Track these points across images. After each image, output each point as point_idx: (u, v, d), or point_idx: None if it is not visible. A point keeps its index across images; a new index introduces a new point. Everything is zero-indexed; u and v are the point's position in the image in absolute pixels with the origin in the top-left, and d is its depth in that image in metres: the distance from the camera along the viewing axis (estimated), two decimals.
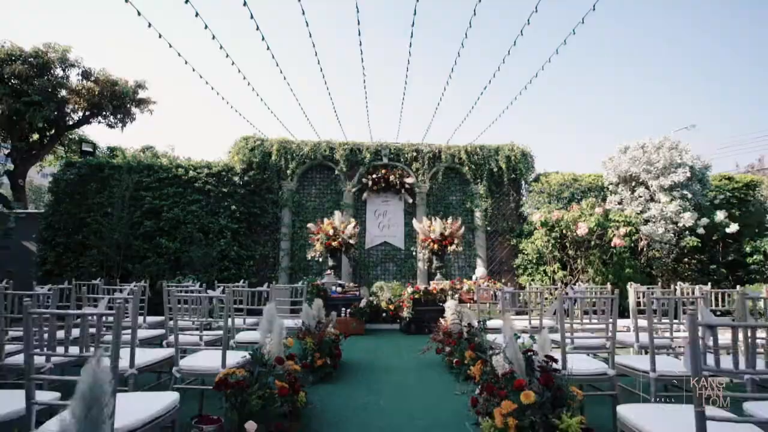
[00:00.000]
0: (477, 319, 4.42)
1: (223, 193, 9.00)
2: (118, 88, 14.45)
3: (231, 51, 6.05)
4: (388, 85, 32.21)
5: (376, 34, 29.35)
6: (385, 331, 7.28)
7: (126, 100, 14.99)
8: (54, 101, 12.86)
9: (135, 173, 8.92)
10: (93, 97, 13.80)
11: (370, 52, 26.73)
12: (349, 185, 9.64)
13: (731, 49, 54.74)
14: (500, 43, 23.91)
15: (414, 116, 22.29)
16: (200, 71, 6.30)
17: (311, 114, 26.46)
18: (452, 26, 19.29)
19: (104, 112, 14.76)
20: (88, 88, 13.76)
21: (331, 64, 32.76)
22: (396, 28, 29.40)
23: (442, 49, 25.87)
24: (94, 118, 14.94)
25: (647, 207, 8.44)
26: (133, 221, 8.65)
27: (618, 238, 7.56)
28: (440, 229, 7.78)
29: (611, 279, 8.47)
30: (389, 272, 9.63)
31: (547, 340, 2.46)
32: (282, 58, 25.69)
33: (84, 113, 14.38)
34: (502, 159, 9.77)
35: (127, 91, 14.69)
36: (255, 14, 4.77)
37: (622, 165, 8.81)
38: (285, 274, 9.24)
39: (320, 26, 22.78)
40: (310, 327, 4.05)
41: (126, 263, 8.44)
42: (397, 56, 34.12)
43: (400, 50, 39.99)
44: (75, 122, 14.61)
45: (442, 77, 10.36)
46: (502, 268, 9.77)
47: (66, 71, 13.59)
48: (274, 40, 32.69)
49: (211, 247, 8.51)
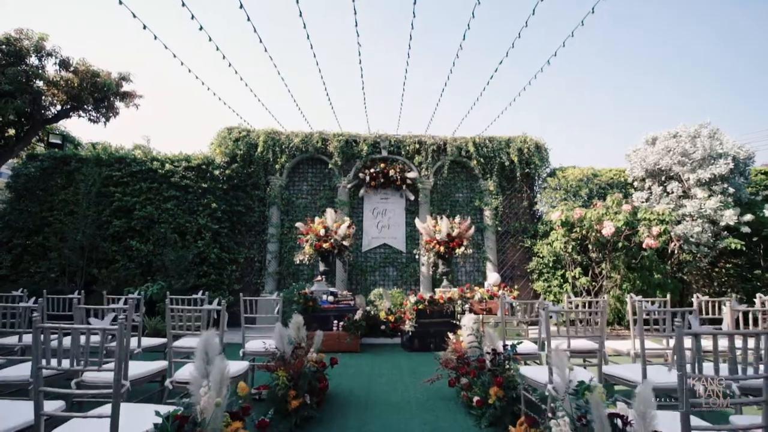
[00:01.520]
0: (501, 340, 3.45)
1: (203, 188, 8.04)
2: (99, 79, 13.47)
3: (214, 34, 5.15)
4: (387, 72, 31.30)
5: (374, 15, 28.57)
6: (383, 347, 6.30)
7: (109, 93, 14.06)
8: (29, 93, 11.93)
9: (104, 167, 7.97)
10: (72, 89, 12.84)
11: (368, 36, 25.77)
12: (344, 181, 8.68)
13: None
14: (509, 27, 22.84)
15: (416, 106, 21.29)
16: (181, 57, 5.43)
17: (303, 106, 25.46)
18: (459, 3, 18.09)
19: (85, 105, 13.81)
20: (66, 79, 12.81)
21: (324, 48, 31.81)
22: (396, 10, 28.05)
23: (446, 30, 24.67)
24: (74, 112, 13.98)
25: (679, 204, 7.48)
26: (101, 221, 7.70)
27: (651, 238, 6.59)
28: (447, 229, 6.82)
29: (638, 285, 7.51)
30: (389, 278, 8.65)
31: (648, 397, 1.49)
32: (270, 44, 24.75)
33: (63, 106, 13.45)
34: (513, 152, 8.81)
35: (109, 83, 13.72)
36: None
37: (650, 157, 7.85)
38: (272, 280, 8.26)
39: (312, 7, 21.75)
40: (284, 354, 3.07)
41: (91, 268, 7.46)
42: (398, 40, 33.15)
43: (401, 33, 39.07)
44: (53, 116, 13.68)
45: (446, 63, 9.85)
46: (514, 272, 8.80)
47: (42, 61, 12.68)
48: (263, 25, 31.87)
49: (187, 249, 7.53)
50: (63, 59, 13.26)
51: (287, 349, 3.08)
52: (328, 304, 6.15)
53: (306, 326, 6.18)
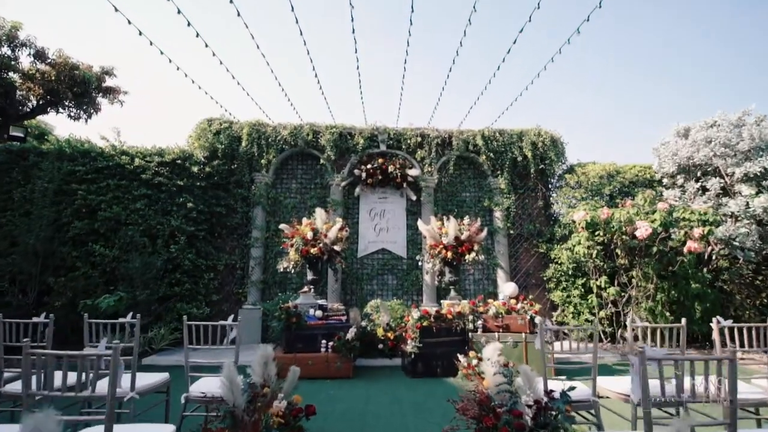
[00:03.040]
0: (538, 376, 2.50)
1: (179, 186, 7.12)
2: (78, 72, 12.63)
3: (195, 20, 4.28)
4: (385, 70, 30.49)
5: (374, 11, 27.53)
6: (381, 370, 5.34)
7: (89, 87, 13.19)
8: (0, 86, 11.07)
9: (67, 161, 7.05)
10: (49, 83, 12.00)
11: (367, 36, 24.91)
12: (338, 178, 7.75)
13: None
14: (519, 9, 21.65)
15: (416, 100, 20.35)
16: (152, 39, 4.57)
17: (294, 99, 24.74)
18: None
19: (64, 100, 12.95)
20: (42, 71, 11.98)
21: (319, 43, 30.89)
22: None
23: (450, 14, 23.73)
24: (52, 107, 13.13)
25: (718, 203, 6.56)
26: (60, 222, 6.76)
27: (694, 241, 5.66)
28: (455, 231, 5.88)
29: (673, 296, 6.57)
30: (388, 287, 7.69)
31: None
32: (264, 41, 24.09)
33: (39, 101, 12.59)
34: (527, 146, 7.90)
35: (89, 76, 12.85)
36: None
37: (682, 151, 6.95)
38: (256, 290, 7.30)
39: None
40: (236, 408, 2.12)
41: (46, 276, 6.51)
42: (397, 31, 32.29)
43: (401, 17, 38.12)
44: (29, 111, 12.79)
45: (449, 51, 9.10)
46: (528, 281, 7.84)
47: (16, 51, 11.82)
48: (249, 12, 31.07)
49: (156, 254, 6.59)
50: (38, 50, 12.36)
51: (240, 401, 2.13)
52: (316, 320, 5.19)
53: (288, 347, 5.25)
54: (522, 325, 5.13)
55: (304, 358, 4.86)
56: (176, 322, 6.54)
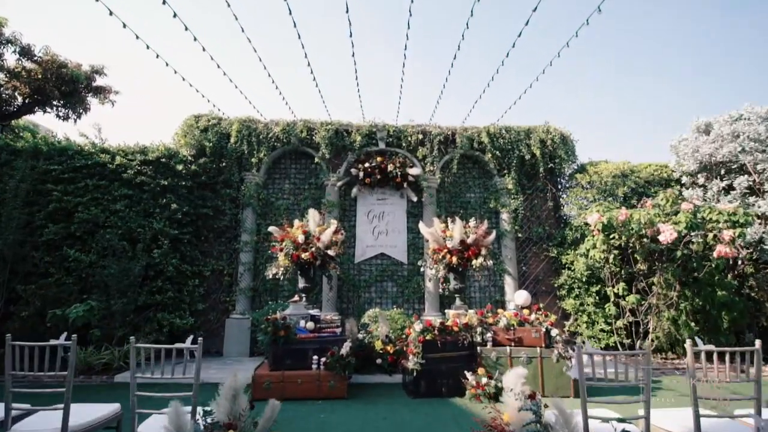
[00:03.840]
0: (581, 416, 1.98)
1: (163, 186, 6.62)
2: (66, 71, 12.19)
3: (194, 20, 3.80)
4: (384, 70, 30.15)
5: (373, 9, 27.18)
6: (379, 388, 4.80)
7: (78, 86, 12.74)
8: None
9: (42, 159, 6.56)
10: (35, 81, 11.55)
11: (363, 21, 24.43)
12: (333, 177, 7.25)
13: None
14: None
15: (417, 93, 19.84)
16: (154, 42, 4.05)
17: (288, 96, 24.28)
18: None
19: (51, 99, 12.50)
20: (28, 69, 11.53)
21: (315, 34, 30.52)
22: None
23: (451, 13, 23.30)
24: (39, 107, 12.68)
25: (746, 202, 6.06)
26: (33, 225, 6.25)
27: (724, 245, 5.14)
28: (460, 234, 5.38)
29: (697, 305, 6.04)
30: (387, 295, 7.16)
31: None
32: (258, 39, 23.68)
33: (25, 100, 12.14)
34: (535, 144, 7.41)
35: (78, 75, 12.40)
36: None
37: (704, 147, 6.46)
38: (245, 298, 6.77)
39: None
40: None
41: (15, 284, 5.98)
42: (397, 28, 31.98)
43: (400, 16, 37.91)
44: (15, 111, 12.33)
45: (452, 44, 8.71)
46: (538, 288, 7.31)
47: (0, 48, 11.41)
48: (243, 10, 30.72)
49: (135, 260, 6.07)
50: (24, 47, 11.91)
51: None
52: (307, 332, 4.66)
53: (275, 364, 4.70)
54: (536, 339, 4.60)
55: (293, 376, 4.33)
56: (157, 333, 6.02)
